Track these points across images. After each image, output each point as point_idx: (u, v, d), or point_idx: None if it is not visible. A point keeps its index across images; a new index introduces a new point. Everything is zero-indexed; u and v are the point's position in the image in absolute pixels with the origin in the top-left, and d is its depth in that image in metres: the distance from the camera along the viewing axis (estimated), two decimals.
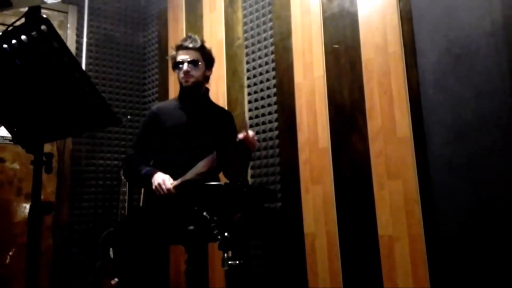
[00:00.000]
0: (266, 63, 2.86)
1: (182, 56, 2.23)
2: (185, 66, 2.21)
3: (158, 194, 2.03)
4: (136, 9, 4.22)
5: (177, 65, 2.24)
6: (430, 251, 1.99)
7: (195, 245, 2.15)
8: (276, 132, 2.75)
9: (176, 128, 2.24)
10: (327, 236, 2.38)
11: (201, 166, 1.96)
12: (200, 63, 2.24)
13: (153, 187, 2.04)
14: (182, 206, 1.95)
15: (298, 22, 2.69)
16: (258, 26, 2.95)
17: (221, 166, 2.18)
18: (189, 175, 1.97)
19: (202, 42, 2.29)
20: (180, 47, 2.26)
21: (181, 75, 2.23)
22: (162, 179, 2.03)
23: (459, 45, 1.92)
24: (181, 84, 2.27)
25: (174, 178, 2.05)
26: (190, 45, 2.23)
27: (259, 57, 2.91)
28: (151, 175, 2.09)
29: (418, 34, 2.08)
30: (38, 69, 1.26)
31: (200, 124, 2.27)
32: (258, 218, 1.99)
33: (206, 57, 2.28)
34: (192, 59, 2.22)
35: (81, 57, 3.73)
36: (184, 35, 3.48)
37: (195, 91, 2.28)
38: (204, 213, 1.69)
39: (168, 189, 2.00)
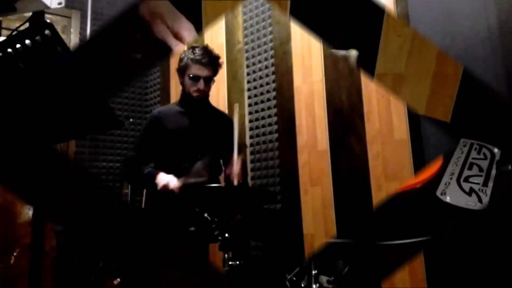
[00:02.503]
0: (266, 67, 2.89)
1: (198, 71, 2.22)
2: (201, 84, 2.22)
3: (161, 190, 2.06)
4: None
5: (188, 75, 2.24)
6: (427, 251, 2.00)
7: (196, 246, 2.18)
8: (276, 135, 2.77)
9: (177, 132, 2.26)
10: (326, 237, 2.40)
11: (201, 170, 1.99)
12: (213, 79, 2.28)
13: (159, 188, 2.07)
14: (184, 207, 1.97)
15: (297, 27, 2.71)
16: (258, 30, 2.98)
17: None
18: (192, 179, 2.01)
19: (217, 58, 2.29)
20: (197, 62, 2.22)
21: (194, 88, 2.23)
22: (167, 181, 2.06)
23: (455, 49, 1.93)
24: (189, 94, 2.27)
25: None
26: (208, 62, 2.23)
27: (259, 61, 2.94)
28: (154, 176, 2.11)
29: None
30: (41, 73, 1.28)
31: (201, 129, 2.29)
32: (258, 219, 2.01)
33: (216, 72, 2.30)
34: (207, 75, 2.23)
35: None
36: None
37: (202, 103, 2.32)
38: (205, 215, 1.71)
39: (173, 189, 2.03)
